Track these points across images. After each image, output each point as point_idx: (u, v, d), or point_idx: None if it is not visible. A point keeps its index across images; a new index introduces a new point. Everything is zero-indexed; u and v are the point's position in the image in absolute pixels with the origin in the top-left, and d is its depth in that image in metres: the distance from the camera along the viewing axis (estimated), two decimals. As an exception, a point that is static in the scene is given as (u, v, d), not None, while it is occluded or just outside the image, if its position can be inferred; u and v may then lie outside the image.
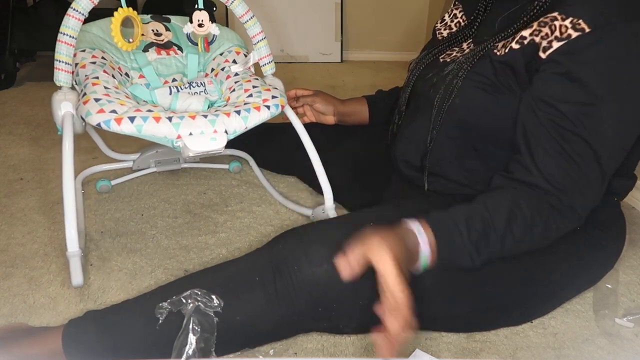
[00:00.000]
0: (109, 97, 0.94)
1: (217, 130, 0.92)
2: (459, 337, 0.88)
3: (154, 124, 0.90)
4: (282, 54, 2.35)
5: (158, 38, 1.19)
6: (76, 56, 1.07)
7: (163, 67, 1.19)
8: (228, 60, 1.17)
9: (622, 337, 0.90)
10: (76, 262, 0.93)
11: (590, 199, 0.79)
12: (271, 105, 0.99)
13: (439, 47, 0.99)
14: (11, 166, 1.40)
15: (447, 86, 0.87)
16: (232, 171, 1.40)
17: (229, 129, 0.94)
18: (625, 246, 0.96)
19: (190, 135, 0.91)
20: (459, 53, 0.94)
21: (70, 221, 0.91)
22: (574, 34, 0.73)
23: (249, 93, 1.02)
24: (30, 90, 1.92)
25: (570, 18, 0.74)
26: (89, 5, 0.94)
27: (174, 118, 0.91)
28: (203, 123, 0.92)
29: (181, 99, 1.06)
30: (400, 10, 2.34)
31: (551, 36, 0.76)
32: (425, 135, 0.91)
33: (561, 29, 0.75)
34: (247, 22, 1.08)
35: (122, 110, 0.91)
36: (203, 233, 1.15)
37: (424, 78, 0.96)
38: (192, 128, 0.91)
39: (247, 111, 0.96)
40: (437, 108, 0.88)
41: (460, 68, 0.86)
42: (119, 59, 1.15)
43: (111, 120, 0.89)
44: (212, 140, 0.92)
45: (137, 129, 0.89)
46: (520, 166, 0.79)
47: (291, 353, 0.85)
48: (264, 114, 0.98)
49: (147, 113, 0.91)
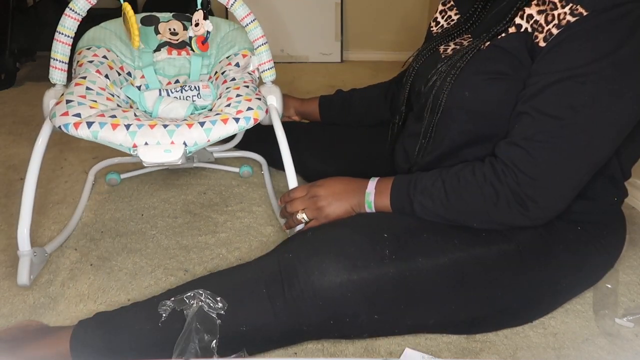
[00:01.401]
0: (84, 98, 0.93)
1: (174, 142, 0.88)
2: (459, 337, 0.88)
3: (110, 131, 0.87)
4: (282, 54, 2.34)
5: (173, 38, 1.17)
6: (81, 54, 1.07)
7: (170, 67, 1.18)
8: (231, 63, 1.14)
9: (622, 337, 0.90)
10: (25, 262, 0.94)
11: (557, 190, 0.78)
12: (242, 118, 0.94)
13: (436, 41, 0.98)
14: (11, 166, 1.40)
15: (444, 81, 0.86)
16: (242, 175, 1.38)
17: (189, 141, 0.89)
18: (625, 246, 0.96)
19: (145, 145, 0.88)
20: (457, 45, 0.94)
21: (24, 219, 0.92)
22: (572, 19, 0.73)
23: (229, 102, 0.98)
24: (30, 90, 1.92)
25: (570, 5, 0.73)
26: (86, 5, 0.94)
27: (132, 126, 0.88)
28: (160, 133, 0.88)
29: (164, 104, 1.04)
30: (400, 10, 2.33)
31: (549, 25, 0.75)
32: (426, 133, 0.91)
33: (559, 17, 0.74)
34: (248, 25, 1.05)
35: (86, 115, 0.89)
36: (203, 233, 1.15)
37: (422, 76, 0.95)
38: (148, 138, 0.88)
39: (212, 123, 0.91)
40: (436, 104, 0.87)
41: (459, 60, 0.85)
42: (125, 58, 1.14)
43: (70, 124, 0.88)
44: (167, 152, 0.87)
45: (93, 135, 0.87)
46: (501, 144, 0.81)
47: (291, 353, 0.85)
48: (230, 127, 0.92)
49: (108, 119, 0.89)
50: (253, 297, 0.79)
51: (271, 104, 1.06)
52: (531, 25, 0.78)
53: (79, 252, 1.08)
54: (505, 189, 0.78)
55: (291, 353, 0.85)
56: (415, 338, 0.88)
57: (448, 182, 0.83)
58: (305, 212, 0.94)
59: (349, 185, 0.93)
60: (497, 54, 0.82)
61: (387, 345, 0.87)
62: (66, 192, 1.29)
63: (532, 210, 0.78)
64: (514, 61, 0.80)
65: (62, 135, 0.93)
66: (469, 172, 0.82)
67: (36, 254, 0.97)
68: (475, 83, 0.83)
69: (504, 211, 0.80)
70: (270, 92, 1.07)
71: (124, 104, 1.03)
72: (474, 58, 0.84)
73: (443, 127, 0.88)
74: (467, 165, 0.84)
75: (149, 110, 1.07)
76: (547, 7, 0.77)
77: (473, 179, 0.81)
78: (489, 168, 0.80)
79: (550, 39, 0.75)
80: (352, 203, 0.91)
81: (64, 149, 1.48)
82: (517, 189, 0.77)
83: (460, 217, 0.83)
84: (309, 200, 0.94)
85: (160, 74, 1.18)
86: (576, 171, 0.77)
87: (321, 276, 0.77)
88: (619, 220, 0.94)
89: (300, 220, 0.94)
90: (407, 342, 0.87)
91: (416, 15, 2.34)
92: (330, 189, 0.93)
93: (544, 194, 0.78)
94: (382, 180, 0.91)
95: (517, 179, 0.77)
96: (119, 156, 1.37)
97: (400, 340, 0.87)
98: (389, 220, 0.86)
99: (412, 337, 0.88)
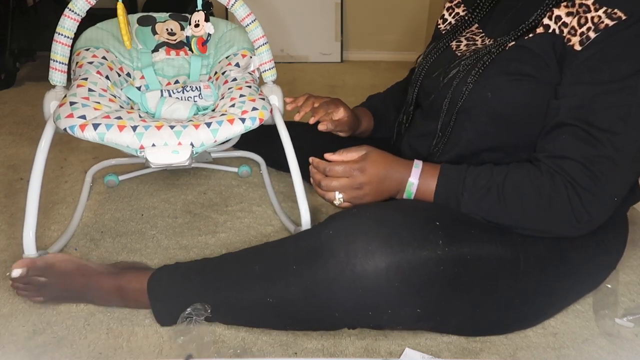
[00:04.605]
0: (87, 100, 0.93)
1: (181, 143, 0.88)
2: (459, 337, 0.88)
3: (117, 132, 0.87)
4: (282, 54, 2.34)
5: (171, 38, 1.17)
6: (79, 55, 1.07)
7: (169, 68, 1.18)
8: (231, 63, 1.13)
9: (622, 337, 0.90)
10: None
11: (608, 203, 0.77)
12: (247, 118, 0.93)
13: (446, 38, 0.97)
14: (11, 166, 1.40)
15: (463, 80, 0.85)
16: (240, 175, 1.38)
17: (196, 142, 0.89)
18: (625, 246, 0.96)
19: (153, 147, 0.88)
20: (469, 40, 0.93)
21: (30, 223, 0.91)
22: (611, 22, 0.72)
23: (233, 102, 0.98)
24: (30, 90, 1.92)
25: (605, 8, 0.72)
26: (86, 5, 0.94)
27: (138, 127, 0.88)
28: (168, 134, 0.88)
29: (167, 105, 1.04)
30: (400, 10, 2.33)
31: (583, 27, 0.74)
32: (435, 133, 0.90)
33: (594, 20, 0.73)
34: (248, 25, 1.04)
35: (92, 116, 0.89)
36: (203, 233, 1.15)
37: (433, 75, 0.94)
38: (156, 139, 0.88)
39: (219, 124, 0.91)
40: (455, 103, 0.86)
41: (481, 59, 0.84)
42: (124, 58, 1.14)
43: (76, 126, 0.87)
44: (174, 153, 0.87)
45: (100, 137, 0.87)
46: (554, 157, 0.78)
47: (291, 353, 0.85)
48: (236, 128, 0.92)
49: (114, 121, 0.89)
50: (281, 271, 0.78)
51: (273, 104, 1.06)
52: (559, 27, 0.77)
53: (79, 252, 1.08)
54: (566, 203, 0.76)
55: (291, 353, 0.85)
56: (415, 338, 0.88)
57: (502, 186, 0.80)
58: (342, 194, 0.87)
59: (391, 171, 0.86)
60: (522, 54, 0.80)
61: (387, 345, 0.87)
62: (66, 192, 1.29)
63: (585, 223, 0.77)
64: (540, 63, 0.79)
65: (62, 135, 0.93)
66: (526, 179, 0.79)
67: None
68: (499, 84, 0.82)
69: (557, 223, 0.79)
70: (272, 92, 1.07)
71: (125, 105, 1.03)
72: (498, 57, 0.82)
73: (459, 127, 0.87)
74: (520, 169, 0.80)
75: (151, 111, 1.07)
76: (579, 9, 0.75)
77: (530, 189, 0.78)
78: (548, 179, 0.77)
79: (587, 43, 0.74)
80: (391, 192, 0.88)
81: (64, 149, 1.48)
82: (579, 204, 0.76)
83: (508, 222, 0.81)
84: (349, 184, 0.86)
85: (160, 74, 1.18)
86: (628, 183, 0.78)
87: (365, 259, 0.73)
88: (622, 221, 0.94)
89: (333, 199, 0.88)
90: (407, 342, 0.87)
91: (416, 15, 2.34)
92: (374, 175, 0.85)
93: (600, 208, 0.77)
94: (426, 170, 0.86)
95: (578, 194, 0.75)
96: (118, 157, 1.36)
97: (400, 341, 0.87)
98: (436, 209, 0.83)
99: (412, 337, 0.88)
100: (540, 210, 0.78)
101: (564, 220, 0.78)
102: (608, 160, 0.74)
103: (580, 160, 0.75)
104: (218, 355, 0.84)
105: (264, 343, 0.87)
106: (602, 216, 0.78)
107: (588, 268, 0.89)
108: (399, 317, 0.79)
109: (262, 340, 0.87)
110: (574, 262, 0.85)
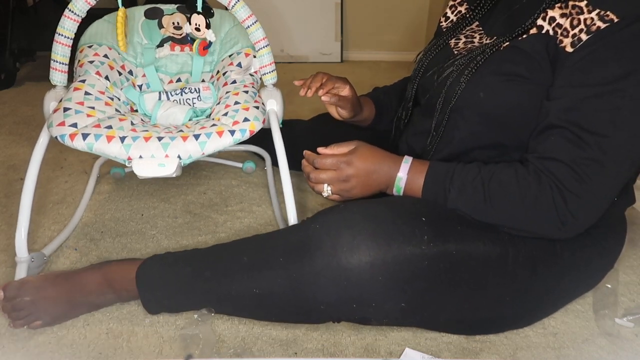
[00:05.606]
0: (81, 105, 0.93)
1: (168, 155, 0.88)
2: (459, 337, 0.88)
3: (105, 143, 0.88)
4: (282, 54, 2.34)
5: (177, 32, 1.15)
6: (82, 52, 1.07)
7: (172, 64, 1.17)
8: (233, 63, 1.12)
9: (622, 337, 0.90)
10: (22, 269, 0.94)
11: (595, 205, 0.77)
12: (237, 130, 0.93)
13: (446, 35, 0.97)
14: (11, 166, 1.40)
15: (457, 79, 0.85)
16: (244, 171, 1.38)
17: (183, 155, 0.89)
18: (625, 246, 0.96)
19: (140, 158, 0.88)
20: (468, 38, 0.93)
21: (22, 225, 0.91)
22: (603, 25, 0.72)
23: (227, 111, 0.97)
24: (30, 90, 1.92)
25: (598, 10, 0.72)
26: (85, 6, 0.94)
27: (127, 139, 0.89)
28: (155, 146, 0.88)
29: (163, 109, 1.04)
30: (400, 10, 2.33)
31: (575, 29, 0.74)
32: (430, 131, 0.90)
33: (587, 22, 0.73)
34: (249, 27, 1.02)
35: (83, 124, 0.90)
36: (203, 233, 1.15)
37: (431, 72, 0.94)
38: (143, 151, 0.88)
39: (207, 136, 0.91)
40: (448, 102, 0.86)
41: (475, 58, 0.84)
42: (126, 55, 1.13)
43: (66, 135, 0.88)
44: (161, 166, 0.87)
45: (89, 147, 0.88)
46: (543, 158, 0.78)
47: (291, 353, 0.85)
48: (225, 140, 0.91)
49: (103, 130, 0.89)
50: (268, 262, 0.78)
51: (271, 109, 1.05)
52: (553, 28, 0.77)
53: (79, 252, 1.08)
54: (550, 205, 0.76)
55: (291, 353, 0.85)
56: (415, 338, 0.88)
57: (488, 184, 0.80)
58: (330, 186, 0.89)
59: (379, 165, 0.87)
60: (516, 55, 0.80)
61: (387, 345, 0.87)
62: (66, 192, 1.29)
63: (570, 225, 0.77)
64: (533, 64, 0.79)
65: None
66: (512, 179, 0.79)
67: (34, 259, 0.97)
68: (491, 84, 0.82)
69: (541, 224, 0.79)
70: (271, 95, 1.06)
71: (123, 106, 1.03)
72: (492, 58, 0.82)
73: (452, 126, 0.87)
74: (508, 168, 0.80)
75: (148, 113, 1.07)
76: (572, 10, 0.75)
77: (516, 188, 0.78)
78: (535, 180, 0.77)
79: (579, 45, 0.74)
80: (380, 187, 0.88)
81: (64, 149, 1.48)
82: (563, 206, 0.75)
83: (492, 220, 0.81)
84: (336, 177, 0.88)
85: (162, 71, 1.17)
86: (617, 187, 0.77)
87: (350, 253, 0.74)
88: (619, 222, 0.94)
89: (321, 191, 0.89)
90: (407, 342, 0.87)
91: (416, 15, 2.34)
92: (361, 169, 0.87)
93: (586, 211, 0.77)
94: (415, 165, 0.86)
95: (564, 196, 0.75)
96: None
97: (400, 340, 0.87)
98: (424, 205, 0.83)
99: (412, 337, 0.88)
100: (525, 210, 0.78)
101: (549, 222, 0.77)
102: (595, 163, 0.74)
103: (568, 162, 0.75)
104: (218, 355, 0.84)
105: (264, 343, 0.87)
106: (589, 219, 0.78)
107: (584, 268, 0.88)
108: (384, 311, 0.80)
109: (262, 340, 0.87)
110: (568, 262, 0.85)
